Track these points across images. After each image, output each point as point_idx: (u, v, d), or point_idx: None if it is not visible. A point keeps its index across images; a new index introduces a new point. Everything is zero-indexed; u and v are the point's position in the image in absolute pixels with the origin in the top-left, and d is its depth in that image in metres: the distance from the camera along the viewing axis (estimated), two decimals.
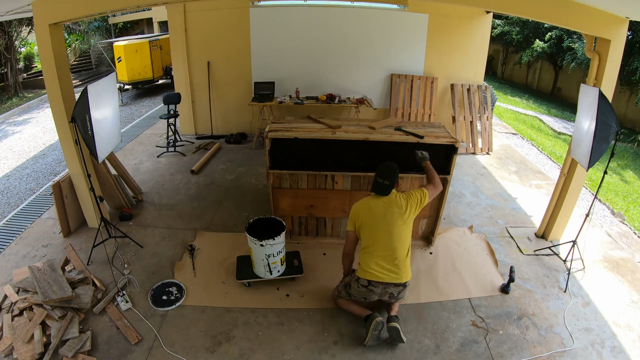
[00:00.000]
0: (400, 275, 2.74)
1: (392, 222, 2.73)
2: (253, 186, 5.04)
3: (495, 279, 3.44)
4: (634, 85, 10.39)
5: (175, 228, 4.11)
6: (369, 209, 2.78)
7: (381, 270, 2.72)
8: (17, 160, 6.40)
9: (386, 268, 2.72)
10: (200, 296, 3.19)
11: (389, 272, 2.72)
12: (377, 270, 2.72)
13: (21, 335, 2.68)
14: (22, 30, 10.71)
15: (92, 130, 2.97)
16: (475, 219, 4.38)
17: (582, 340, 2.86)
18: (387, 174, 2.75)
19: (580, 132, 3.24)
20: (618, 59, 3.24)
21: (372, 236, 2.75)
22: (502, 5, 3.36)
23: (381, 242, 2.72)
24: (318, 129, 3.45)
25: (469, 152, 6.24)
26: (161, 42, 10.42)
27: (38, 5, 3.17)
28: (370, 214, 2.76)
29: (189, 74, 6.34)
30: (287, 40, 6.08)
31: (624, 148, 8.78)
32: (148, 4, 4.97)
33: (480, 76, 6.47)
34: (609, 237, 4.18)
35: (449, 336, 2.87)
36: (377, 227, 2.73)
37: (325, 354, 2.71)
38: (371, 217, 2.75)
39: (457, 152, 3.31)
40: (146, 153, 6.06)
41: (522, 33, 13.90)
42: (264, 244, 3.01)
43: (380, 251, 2.72)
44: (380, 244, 2.72)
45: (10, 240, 3.91)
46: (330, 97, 6.04)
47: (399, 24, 5.99)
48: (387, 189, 2.76)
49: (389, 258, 2.72)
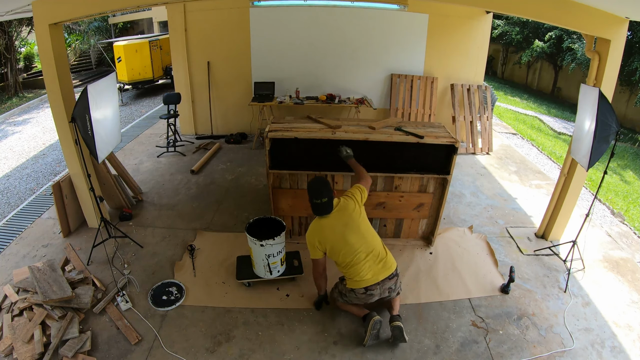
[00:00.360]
0: (388, 266, 2.74)
1: (356, 226, 2.68)
2: (253, 186, 5.04)
3: (495, 279, 3.44)
4: (634, 85, 10.40)
5: (175, 228, 4.11)
6: (331, 233, 2.68)
7: (372, 272, 2.69)
8: (17, 160, 6.40)
9: (375, 268, 2.70)
10: (200, 296, 3.18)
11: (380, 270, 2.71)
12: (369, 274, 2.69)
13: (21, 335, 2.68)
14: (22, 30, 10.71)
15: (92, 130, 2.97)
16: (475, 219, 4.38)
17: (582, 340, 2.86)
18: (321, 192, 2.64)
19: (580, 132, 3.24)
20: (618, 59, 3.24)
21: (348, 252, 2.67)
22: (502, 5, 3.36)
23: (360, 250, 2.67)
24: (318, 129, 3.45)
25: (469, 152, 6.24)
26: (161, 42, 10.41)
27: (38, 5, 3.17)
28: (333, 237, 2.67)
29: (189, 74, 6.34)
30: (287, 40, 6.08)
31: (624, 148, 8.79)
32: (148, 4, 4.97)
33: (480, 76, 6.47)
34: (609, 237, 4.18)
35: (449, 336, 2.87)
36: (348, 241, 2.66)
37: (325, 354, 2.71)
38: (336, 238, 2.67)
39: (457, 152, 3.31)
40: (146, 153, 6.06)
41: (522, 33, 13.90)
42: (264, 244, 3.01)
43: (363, 257, 2.67)
44: (359, 252, 2.67)
45: (10, 240, 3.91)
46: (330, 97, 6.04)
47: (399, 24, 5.99)
48: (329, 205, 2.67)
49: (373, 258, 2.70)
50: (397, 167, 3.47)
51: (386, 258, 2.75)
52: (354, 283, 2.72)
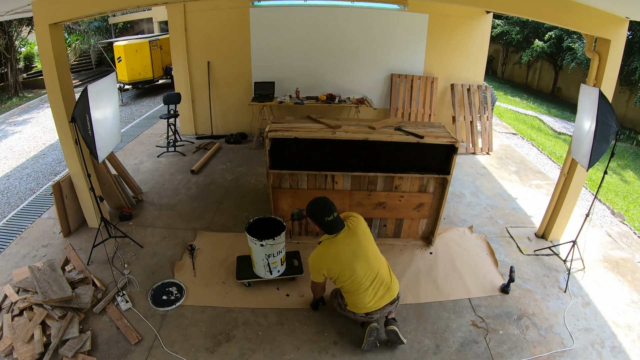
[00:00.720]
0: (391, 292, 2.68)
1: (364, 254, 2.58)
2: (253, 186, 5.04)
3: (495, 279, 3.44)
4: (634, 85, 10.39)
5: (175, 228, 4.11)
6: (336, 257, 2.56)
7: (375, 300, 2.63)
8: (17, 160, 6.40)
9: (379, 294, 2.64)
10: (200, 296, 3.19)
11: (382, 297, 2.64)
12: (372, 302, 2.62)
13: (21, 335, 2.68)
14: (22, 30, 10.71)
15: (92, 130, 2.97)
16: (475, 219, 4.38)
17: (582, 340, 2.86)
18: (330, 208, 2.54)
19: (580, 132, 3.24)
20: (618, 59, 3.24)
21: (354, 280, 2.57)
22: (502, 5, 3.35)
23: (366, 278, 2.58)
24: (318, 129, 3.45)
25: (469, 152, 6.24)
26: (161, 42, 10.42)
27: (38, 5, 3.17)
28: (341, 267, 2.55)
29: (189, 74, 6.34)
30: (287, 40, 6.08)
31: (624, 148, 8.79)
32: (148, 4, 4.97)
33: (480, 76, 6.47)
34: (609, 237, 4.18)
35: (449, 336, 2.87)
36: (355, 270, 2.55)
37: (325, 354, 2.71)
38: (343, 268, 2.55)
39: (457, 152, 3.31)
40: (146, 153, 6.06)
41: (522, 33, 13.91)
42: (264, 244, 3.01)
43: (367, 285, 2.59)
44: (365, 280, 2.58)
45: (10, 240, 3.91)
46: (330, 97, 6.04)
47: (399, 24, 5.99)
48: (340, 220, 2.58)
49: (377, 285, 2.62)
50: (397, 167, 3.47)
51: (390, 284, 2.68)
52: (356, 308, 2.67)
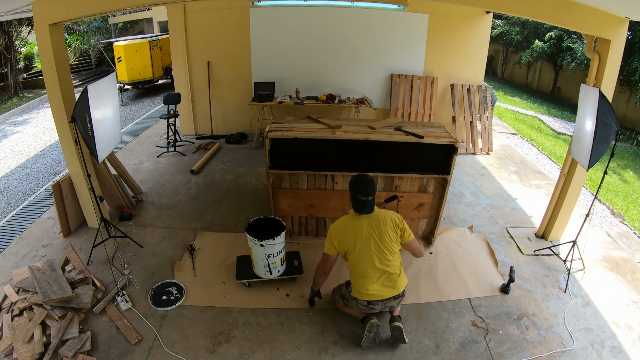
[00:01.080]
0: (397, 287, 2.68)
1: (380, 238, 2.58)
2: (253, 186, 5.04)
3: (495, 279, 3.44)
4: (634, 85, 10.40)
5: (175, 228, 4.11)
6: (353, 233, 2.59)
7: (380, 289, 2.64)
8: (17, 160, 6.40)
9: (384, 285, 2.64)
10: (200, 296, 3.19)
11: (387, 288, 2.65)
12: (376, 290, 2.63)
13: (21, 335, 2.68)
14: (22, 30, 10.71)
15: (92, 130, 2.97)
16: (475, 219, 4.38)
17: (582, 340, 2.86)
18: (369, 190, 2.57)
19: (580, 132, 3.24)
20: (618, 59, 3.24)
21: (363, 260, 2.60)
22: (502, 5, 3.36)
23: (374, 263, 2.59)
24: (318, 129, 3.45)
25: (469, 152, 6.24)
26: (161, 42, 10.41)
27: (38, 5, 3.17)
28: (355, 238, 2.59)
29: (189, 74, 6.34)
30: (287, 40, 6.08)
31: (624, 148, 8.79)
32: (148, 4, 4.97)
33: (480, 76, 6.47)
34: (609, 237, 4.18)
35: (449, 336, 2.87)
36: (366, 249, 2.58)
37: (325, 354, 2.71)
38: (357, 241, 2.59)
39: (457, 152, 3.31)
40: (146, 153, 6.06)
41: (522, 33, 13.92)
42: (264, 244, 3.01)
43: (374, 272, 2.61)
44: (374, 266, 2.60)
45: (10, 240, 3.91)
46: (330, 97, 6.04)
47: (399, 24, 5.99)
48: (372, 205, 2.61)
49: (385, 276, 2.63)
50: (397, 167, 3.47)
51: (398, 279, 2.68)
52: (359, 294, 2.67)
